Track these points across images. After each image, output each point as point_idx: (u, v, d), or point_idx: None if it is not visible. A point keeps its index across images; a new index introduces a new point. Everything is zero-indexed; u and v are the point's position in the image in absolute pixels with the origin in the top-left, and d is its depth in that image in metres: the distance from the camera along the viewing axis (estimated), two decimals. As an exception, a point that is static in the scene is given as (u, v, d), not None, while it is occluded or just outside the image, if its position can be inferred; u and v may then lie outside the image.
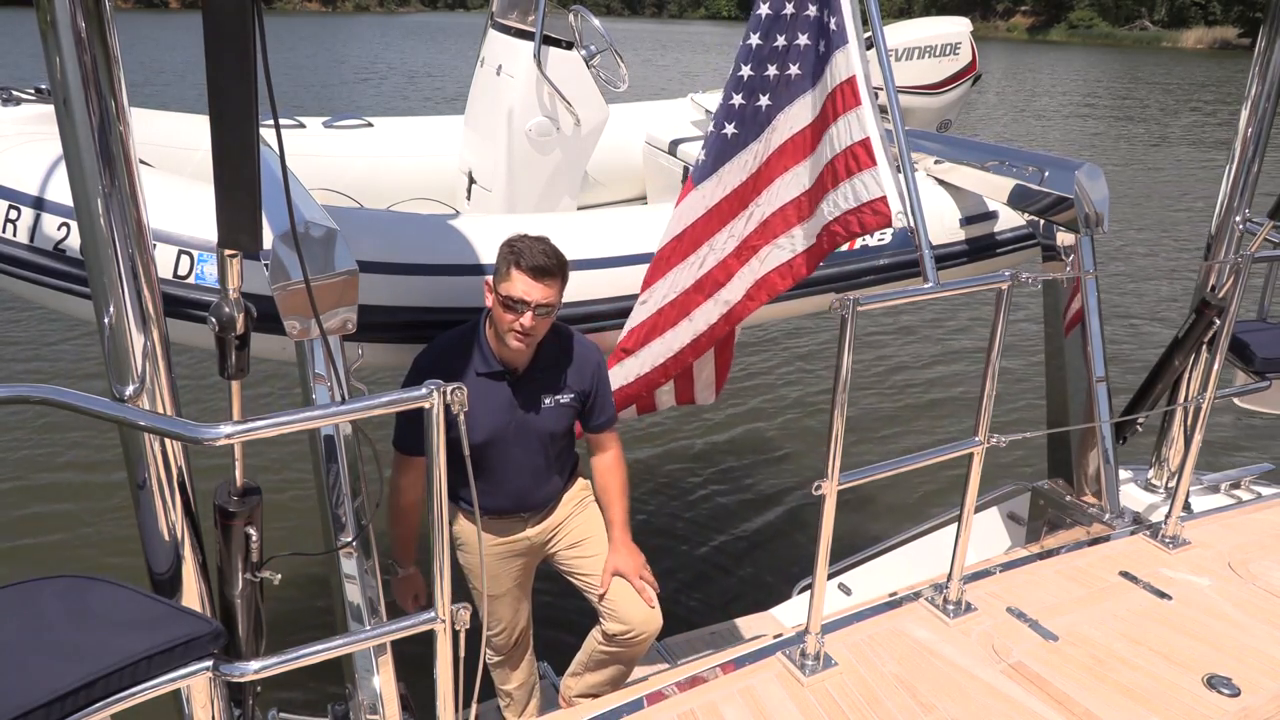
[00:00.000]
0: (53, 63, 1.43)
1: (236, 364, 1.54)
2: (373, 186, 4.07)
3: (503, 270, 2.37)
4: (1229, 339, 2.89)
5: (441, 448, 1.64)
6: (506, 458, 2.56)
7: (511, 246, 2.37)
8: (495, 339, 2.47)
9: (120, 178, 1.51)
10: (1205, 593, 2.70)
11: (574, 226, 2.97)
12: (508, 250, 2.37)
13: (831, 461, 2.19)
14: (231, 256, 1.48)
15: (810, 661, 2.33)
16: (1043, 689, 2.28)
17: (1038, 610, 2.58)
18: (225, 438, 1.46)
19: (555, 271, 2.37)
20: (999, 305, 2.39)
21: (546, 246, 2.37)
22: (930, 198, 3.28)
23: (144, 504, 1.71)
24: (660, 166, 4.45)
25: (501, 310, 2.38)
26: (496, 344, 2.47)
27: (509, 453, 2.56)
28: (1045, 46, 50.18)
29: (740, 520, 5.47)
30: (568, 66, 3.75)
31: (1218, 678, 2.31)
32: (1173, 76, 35.37)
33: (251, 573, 1.72)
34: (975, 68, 4.42)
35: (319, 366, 2.08)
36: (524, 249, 2.35)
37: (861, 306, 2.10)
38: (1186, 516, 3.14)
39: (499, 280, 2.39)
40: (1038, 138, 19.90)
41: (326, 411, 1.54)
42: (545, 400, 2.56)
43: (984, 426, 2.48)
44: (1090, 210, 3.02)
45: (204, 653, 1.55)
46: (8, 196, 2.59)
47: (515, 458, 2.58)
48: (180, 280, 2.49)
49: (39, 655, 1.44)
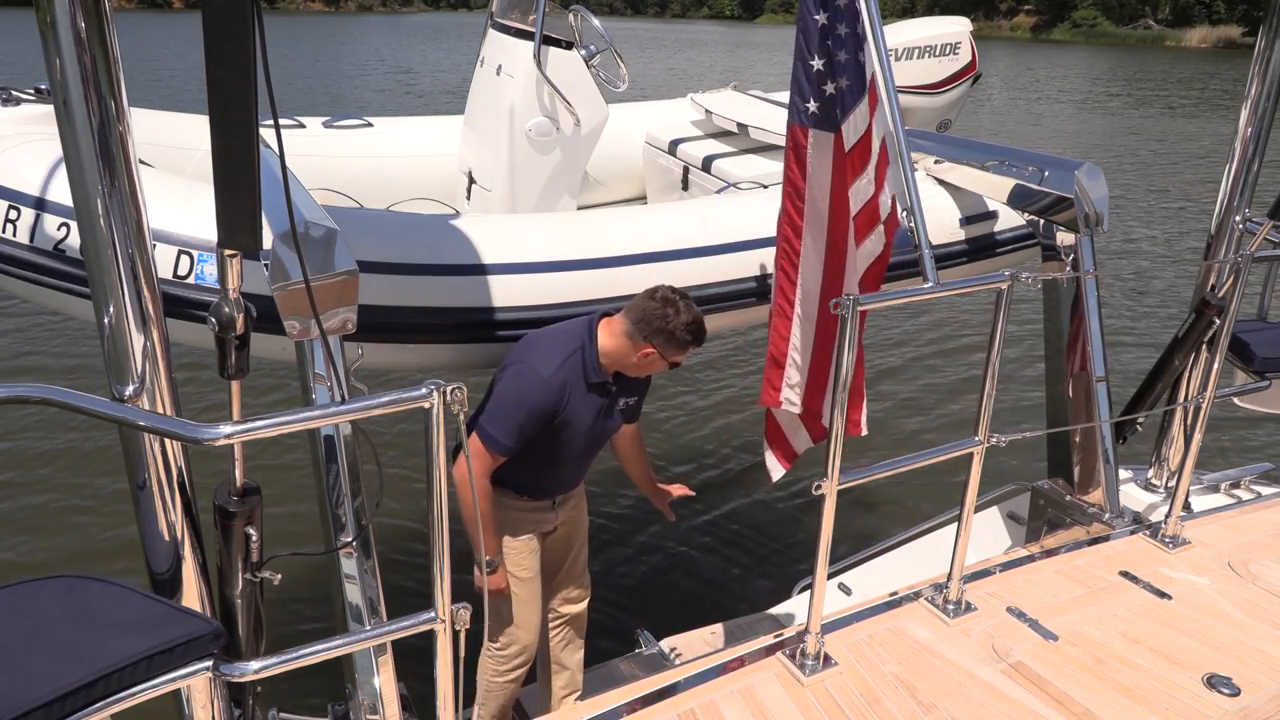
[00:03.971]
0: (52, 63, 1.43)
1: (236, 364, 1.55)
2: (373, 186, 4.07)
3: (677, 345, 2.58)
4: (1229, 338, 2.89)
5: (442, 446, 1.64)
6: (585, 454, 2.81)
7: (690, 329, 2.56)
8: (610, 356, 2.62)
9: (120, 178, 1.51)
10: (1205, 592, 2.70)
11: (575, 226, 2.97)
12: (686, 331, 2.55)
13: (831, 461, 2.19)
14: (231, 256, 1.48)
15: (810, 661, 2.33)
16: (1042, 689, 2.28)
17: (1038, 610, 2.58)
18: (225, 438, 1.46)
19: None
20: (999, 305, 2.39)
21: (701, 318, 2.61)
22: (930, 197, 3.27)
23: (144, 504, 1.71)
24: (660, 166, 4.46)
25: (658, 363, 2.62)
26: (608, 360, 2.63)
27: (589, 450, 2.81)
28: (1049, 46, 50.13)
29: (740, 520, 5.46)
30: (568, 66, 3.76)
31: (1218, 677, 2.31)
32: (1174, 75, 35.34)
33: (251, 573, 1.72)
34: (975, 67, 4.42)
35: (319, 366, 2.08)
36: (700, 331, 2.58)
37: (861, 306, 2.10)
38: (1186, 516, 3.14)
39: (672, 350, 2.58)
40: (1040, 137, 19.89)
41: (326, 411, 1.54)
42: (620, 403, 2.77)
43: (984, 426, 2.48)
44: (1090, 210, 3.02)
45: (204, 653, 1.55)
46: (8, 197, 2.59)
47: (589, 453, 2.83)
48: (180, 280, 2.50)
49: (39, 655, 1.44)
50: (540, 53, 3.69)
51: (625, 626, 3.87)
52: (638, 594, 4.81)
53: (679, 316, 2.54)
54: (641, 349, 2.58)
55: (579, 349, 2.60)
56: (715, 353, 7.61)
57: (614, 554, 5.11)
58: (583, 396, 2.62)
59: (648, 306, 2.56)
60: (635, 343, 2.58)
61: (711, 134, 4.45)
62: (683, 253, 2.99)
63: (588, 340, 2.62)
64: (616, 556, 5.09)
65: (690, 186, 4.26)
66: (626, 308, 2.62)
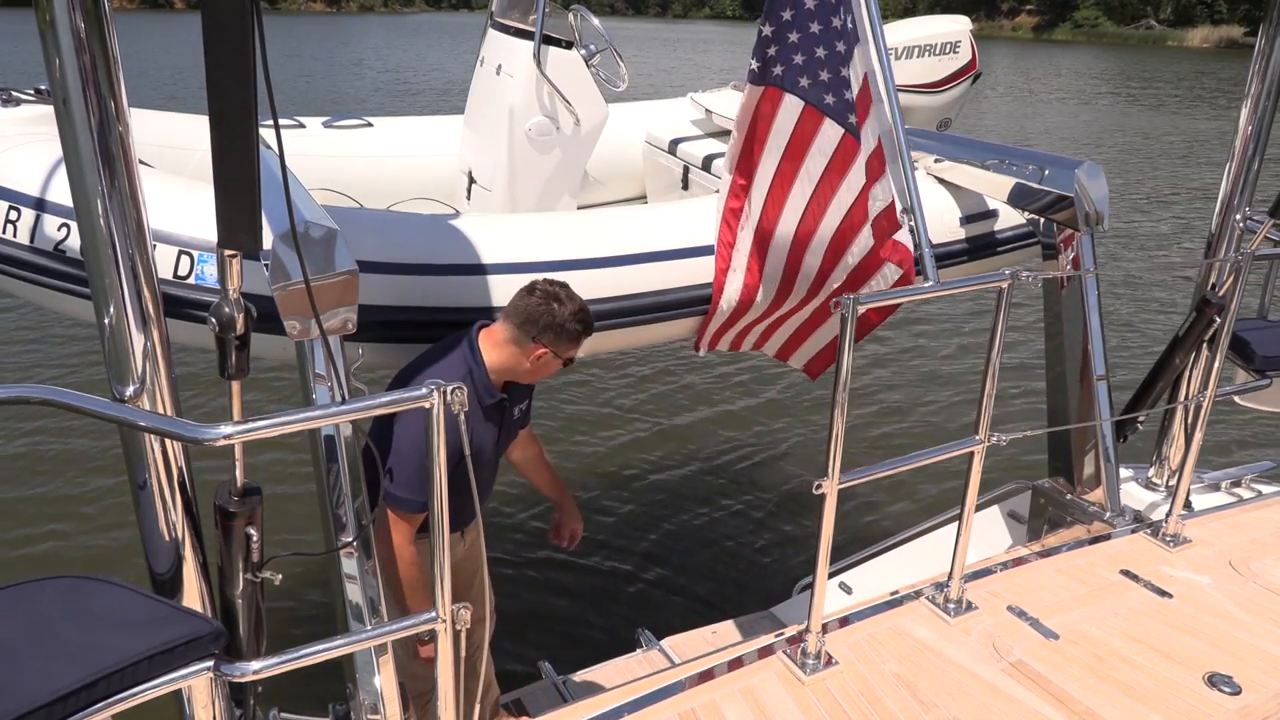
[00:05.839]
0: (52, 63, 1.43)
1: (236, 364, 1.55)
2: (373, 186, 4.07)
3: (569, 338, 2.45)
4: (1229, 337, 2.89)
5: (442, 448, 1.64)
6: (489, 478, 2.68)
7: (578, 318, 2.44)
8: (500, 369, 2.50)
9: (120, 178, 1.51)
10: (1206, 591, 2.70)
11: (575, 226, 2.97)
12: (575, 321, 2.43)
13: (832, 461, 2.19)
14: (231, 257, 1.48)
15: (811, 660, 2.33)
16: (1043, 687, 2.28)
17: (1038, 609, 2.58)
18: (225, 438, 1.46)
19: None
20: (999, 304, 2.39)
21: (587, 306, 2.50)
22: (930, 196, 3.27)
23: (144, 504, 1.71)
24: (660, 166, 4.45)
25: (553, 363, 2.49)
26: (498, 375, 2.50)
27: (493, 473, 2.69)
28: (1051, 46, 50.07)
29: (740, 519, 5.47)
30: (567, 66, 3.75)
31: (1219, 676, 2.31)
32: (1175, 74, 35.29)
33: (252, 573, 1.72)
34: (975, 66, 4.42)
35: (319, 366, 2.08)
36: (588, 318, 2.46)
37: (862, 305, 2.10)
38: (1187, 515, 3.13)
39: (564, 345, 2.46)
40: (1043, 134, 19.87)
41: (327, 411, 1.54)
42: (515, 413, 2.66)
43: (984, 425, 2.48)
44: (1090, 208, 3.02)
45: (205, 653, 1.55)
46: (8, 197, 2.59)
47: (493, 476, 2.71)
48: (180, 280, 2.50)
49: (40, 655, 1.44)
50: (540, 52, 3.69)
51: (625, 626, 3.87)
52: (638, 594, 4.82)
53: (564, 308, 2.41)
54: (533, 352, 2.44)
55: (467, 373, 2.44)
56: (710, 360, 7.62)
57: (613, 554, 5.11)
58: (482, 424, 2.50)
59: (529, 304, 2.41)
60: (524, 347, 2.43)
61: (712, 133, 4.45)
62: (684, 252, 2.99)
63: (473, 361, 2.45)
64: (616, 556, 5.09)
65: (691, 186, 4.26)
66: (504, 313, 2.48)
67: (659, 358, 7.69)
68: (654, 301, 2.93)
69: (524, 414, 2.74)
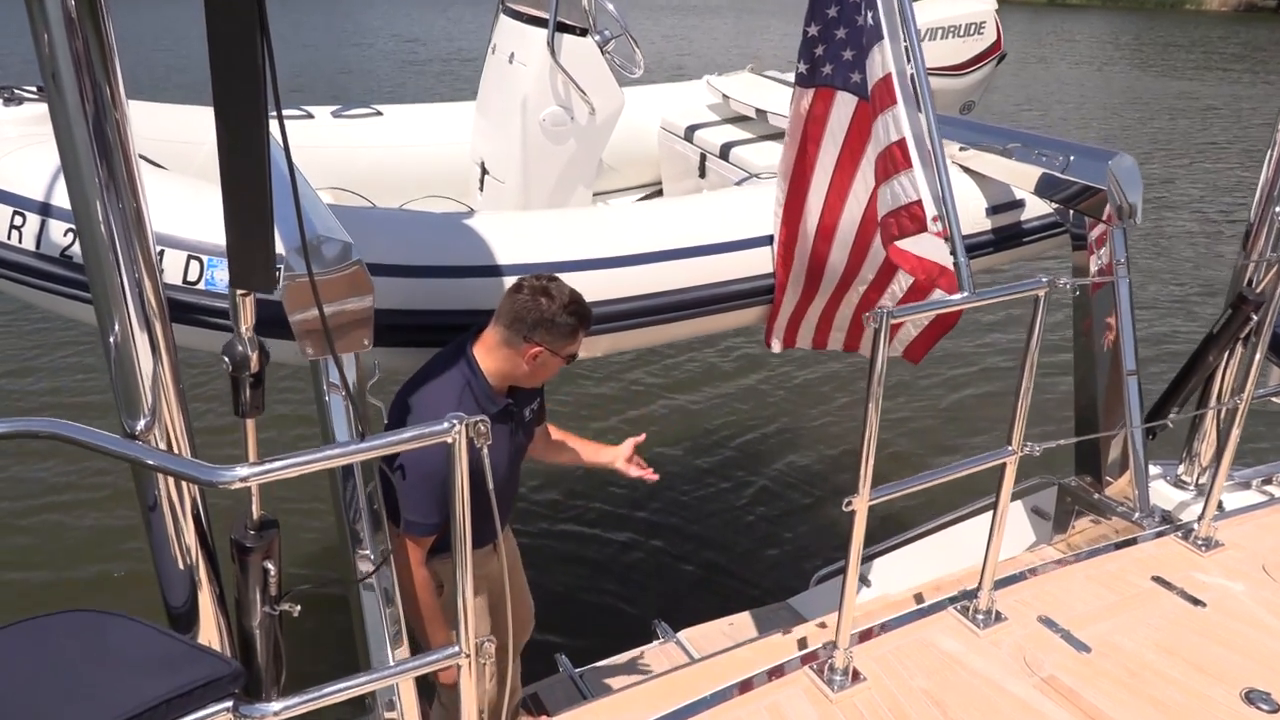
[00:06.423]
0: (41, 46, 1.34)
1: (251, 402, 1.49)
2: (384, 179, 3.99)
3: (567, 334, 2.36)
4: (1270, 335, 2.81)
5: (465, 478, 1.58)
6: (510, 482, 2.58)
7: (570, 310, 2.33)
8: (498, 375, 2.40)
9: (120, 177, 1.43)
10: (1240, 599, 2.64)
11: (593, 224, 2.89)
12: (566, 314, 2.32)
13: (863, 475, 2.13)
14: (244, 296, 1.41)
15: (839, 677, 2.28)
16: (1075, 704, 2.23)
17: (1069, 619, 2.52)
18: (240, 480, 1.40)
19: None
20: (1035, 312, 2.31)
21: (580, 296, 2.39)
22: (956, 186, 3.18)
23: (157, 535, 1.67)
24: (676, 153, 4.36)
25: (552, 362, 2.39)
26: (499, 381, 2.41)
27: (513, 477, 2.60)
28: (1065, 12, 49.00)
29: (757, 510, 5.42)
30: (582, 53, 3.65)
31: (1256, 692, 2.26)
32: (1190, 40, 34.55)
33: (270, 606, 1.68)
34: (1000, 47, 4.30)
35: (333, 377, 2.03)
36: (586, 312, 2.37)
37: (895, 320, 2.03)
38: (1218, 515, 3.07)
39: (563, 343, 2.36)
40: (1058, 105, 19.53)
41: (345, 450, 1.48)
42: (526, 414, 2.57)
43: (1018, 435, 2.41)
44: (1123, 201, 2.93)
45: (223, 693, 1.51)
46: (12, 202, 2.53)
47: (514, 479, 2.62)
48: (190, 286, 2.43)
49: (55, 697, 1.40)
50: (554, 40, 3.59)
51: (642, 618, 3.84)
52: (653, 585, 4.78)
53: (554, 301, 2.31)
54: (527, 351, 2.34)
55: (465, 385, 2.36)
56: (732, 344, 7.51)
57: (629, 544, 5.08)
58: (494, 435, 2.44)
59: (517, 302, 2.32)
60: (518, 348, 2.35)
61: (729, 119, 4.34)
62: (704, 249, 2.91)
63: (469, 372, 2.38)
64: (631, 547, 5.06)
65: (708, 174, 4.17)
66: (494, 316, 2.39)
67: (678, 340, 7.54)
68: (674, 300, 2.86)
69: (536, 414, 2.64)
